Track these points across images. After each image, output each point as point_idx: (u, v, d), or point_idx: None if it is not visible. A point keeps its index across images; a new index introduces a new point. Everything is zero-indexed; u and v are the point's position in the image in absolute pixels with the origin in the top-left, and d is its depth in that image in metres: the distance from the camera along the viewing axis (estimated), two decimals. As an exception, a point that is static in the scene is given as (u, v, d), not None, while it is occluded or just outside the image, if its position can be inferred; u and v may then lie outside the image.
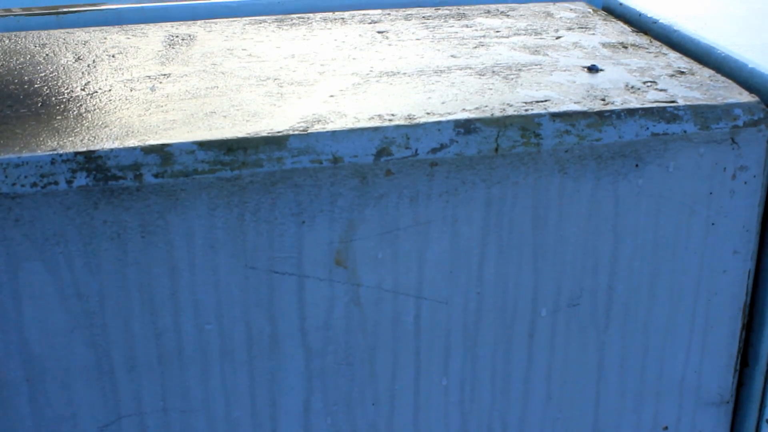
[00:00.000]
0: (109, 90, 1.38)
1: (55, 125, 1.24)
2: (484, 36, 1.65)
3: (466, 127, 1.25)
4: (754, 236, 1.41)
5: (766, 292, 1.45)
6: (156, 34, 1.67)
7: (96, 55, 1.55)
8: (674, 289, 1.40)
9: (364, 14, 1.78)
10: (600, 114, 1.30)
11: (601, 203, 1.32)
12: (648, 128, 1.31)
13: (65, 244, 1.16)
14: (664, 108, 1.32)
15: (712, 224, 1.38)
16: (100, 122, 1.25)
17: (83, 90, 1.39)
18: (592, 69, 1.47)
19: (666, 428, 1.50)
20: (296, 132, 1.20)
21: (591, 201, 1.31)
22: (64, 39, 1.64)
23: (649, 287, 1.39)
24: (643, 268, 1.38)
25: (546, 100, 1.33)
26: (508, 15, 1.79)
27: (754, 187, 1.38)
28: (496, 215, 1.28)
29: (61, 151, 1.15)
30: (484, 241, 1.29)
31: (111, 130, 1.22)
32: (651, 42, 1.64)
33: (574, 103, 1.32)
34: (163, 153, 1.16)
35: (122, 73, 1.46)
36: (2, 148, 1.16)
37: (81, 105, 1.32)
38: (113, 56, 1.55)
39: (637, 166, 1.32)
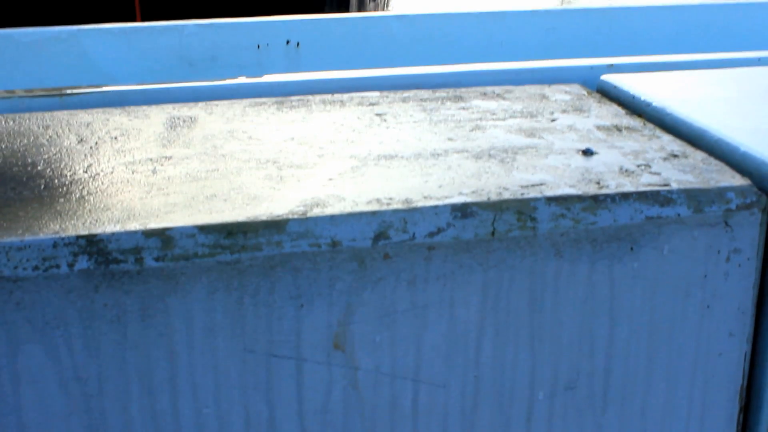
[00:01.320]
0: (111, 172, 1.40)
1: (58, 208, 1.26)
2: (480, 118, 1.67)
3: (462, 211, 1.26)
4: (750, 318, 1.42)
5: (763, 375, 1.45)
6: (158, 115, 1.69)
7: (99, 137, 1.57)
8: (670, 371, 1.41)
9: (362, 96, 1.81)
10: (595, 198, 1.32)
11: (596, 286, 1.33)
12: (642, 212, 1.33)
13: (65, 327, 1.17)
14: (658, 192, 1.34)
15: (707, 307, 1.39)
16: (102, 205, 1.27)
17: (85, 172, 1.41)
18: (587, 152, 1.49)
19: None
20: (295, 216, 1.22)
21: (587, 284, 1.33)
22: (68, 120, 1.67)
23: (646, 370, 1.40)
24: (639, 351, 1.38)
25: (542, 184, 1.35)
26: (504, 97, 1.82)
27: (748, 269, 1.39)
28: (493, 298, 1.29)
29: (63, 235, 1.17)
30: (481, 325, 1.30)
31: (113, 213, 1.24)
32: (645, 124, 1.67)
33: (570, 186, 1.34)
34: (164, 236, 1.18)
35: (124, 155, 1.48)
36: (4, 231, 1.18)
37: (83, 187, 1.34)
38: (115, 138, 1.57)
39: (632, 249, 1.33)
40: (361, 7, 15.35)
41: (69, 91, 1.88)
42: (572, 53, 2.94)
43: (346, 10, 13.99)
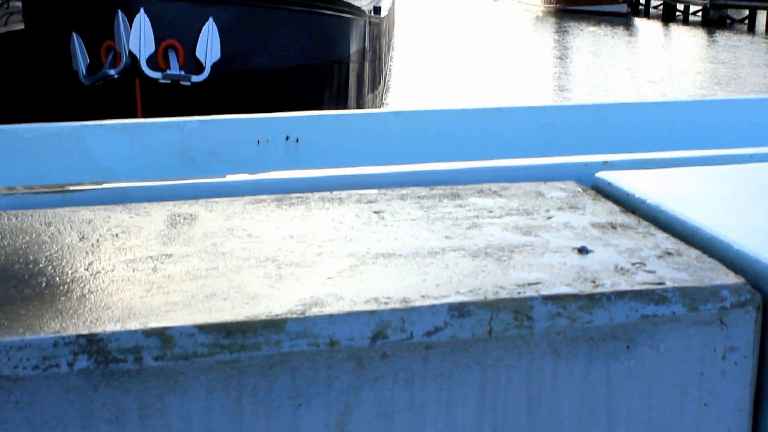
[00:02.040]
0: (112, 270, 1.42)
1: (59, 306, 1.27)
2: (477, 216, 1.70)
3: (460, 310, 1.28)
4: (747, 416, 1.42)
5: (761, 473, 1.45)
6: (159, 213, 1.72)
7: (100, 234, 1.59)
8: (669, 471, 1.41)
9: (360, 194, 1.84)
10: (590, 297, 1.33)
11: (593, 385, 1.34)
12: (638, 310, 1.34)
13: (63, 427, 1.17)
14: (653, 290, 1.36)
15: (705, 405, 1.39)
16: (103, 303, 1.28)
17: (86, 270, 1.42)
18: (583, 250, 1.51)
19: None
20: (294, 315, 1.23)
21: (584, 383, 1.33)
22: (69, 217, 1.69)
23: (644, 469, 1.39)
24: (637, 450, 1.38)
25: (538, 283, 1.36)
26: (500, 194, 1.85)
27: (744, 367, 1.40)
28: (490, 397, 1.30)
29: (64, 334, 1.18)
30: (479, 423, 1.30)
31: (113, 311, 1.25)
32: (639, 222, 1.69)
33: (566, 285, 1.35)
34: (163, 336, 1.19)
35: (125, 253, 1.50)
36: (5, 330, 1.18)
37: (84, 285, 1.35)
38: (117, 235, 1.59)
39: (628, 347, 1.34)
40: (359, 99, 15.51)
41: (71, 188, 1.90)
42: (568, 148, 2.99)
43: (345, 102, 14.17)
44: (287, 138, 2.88)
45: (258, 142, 2.85)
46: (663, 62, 31.40)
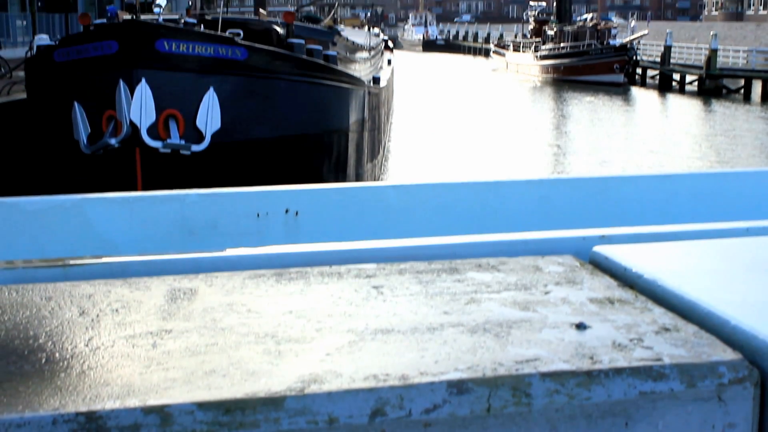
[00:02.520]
0: (112, 346, 1.43)
1: (58, 383, 1.28)
2: (475, 291, 1.71)
3: (458, 387, 1.28)
4: None
5: None
6: (159, 287, 1.73)
7: (100, 309, 1.60)
8: None
9: (360, 269, 1.85)
10: (588, 373, 1.33)
11: (592, 463, 1.33)
12: (636, 387, 1.34)
13: (61, 505, 1.17)
14: (651, 366, 1.36)
15: None
16: (102, 380, 1.29)
17: (86, 346, 1.43)
18: (580, 326, 1.52)
19: None
20: (293, 393, 1.23)
21: (583, 460, 1.33)
22: (70, 292, 1.70)
23: None
24: None
25: (536, 359, 1.37)
26: (498, 269, 1.86)
27: None
28: (489, 475, 1.29)
29: (63, 411, 1.18)
30: (478, 502, 1.30)
31: (112, 388, 1.25)
32: (636, 297, 1.70)
33: (564, 361, 1.36)
34: (162, 413, 1.19)
35: (125, 328, 1.50)
36: (5, 407, 1.19)
37: (84, 361, 1.36)
38: (117, 310, 1.60)
39: (626, 424, 1.34)
40: (358, 168, 15.60)
41: (72, 262, 1.91)
42: (566, 221, 3.01)
43: (344, 172, 14.24)
44: (287, 211, 2.90)
45: (258, 215, 2.87)
46: (661, 132, 31.66)
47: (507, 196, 3.12)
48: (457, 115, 36.47)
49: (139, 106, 10.30)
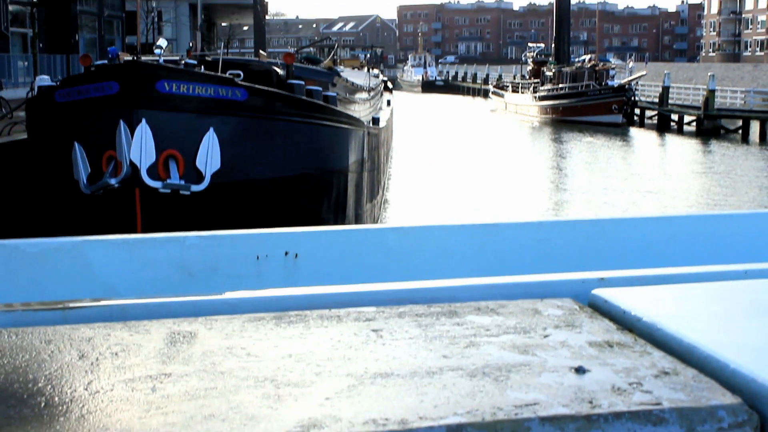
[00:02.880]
0: (111, 389, 1.43)
1: (57, 427, 1.27)
2: (474, 335, 1.71)
3: (457, 431, 1.28)
4: None
5: None
6: (158, 330, 1.73)
7: (100, 353, 1.60)
8: None
9: (359, 311, 1.85)
10: (588, 417, 1.33)
11: (592, 508, 1.33)
12: (635, 431, 1.34)
13: None
14: (650, 411, 1.36)
15: None
16: (101, 425, 1.28)
17: (86, 389, 1.43)
18: (579, 370, 1.52)
19: None
20: (292, 438, 1.23)
21: (583, 506, 1.32)
22: (69, 335, 1.70)
23: None
24: None
25: (535, 403, 1.37)
26: (497, 312, 1.86)
27: None
28: None
29: (62, 456, 1.18)
30: None
31: (111, 433, 1.25)
32: (636, 340, 1.70)
33: (563, 406, 1.36)
34: (161, 458, 1.19)
35: (124, 372, 1.50)
36: (4, 452, 1.19)
37: (83, 405, 1.36)
38: (116, 354, 1.60)
39: (626, 469, 1.34)
40: (358, 209, 15.61)
41: (71, 305, 1.92)
42: (564, 263, 3.01)
43: (344, 212, 14.26)
44: (286, 253, 2.90)
45: (257, 257, 2.88)
46: (660, 172, 31.75)
47: (506, 239, 3.13)
48: (456, 155, 36.59)
49: (139, 146, 10.33)
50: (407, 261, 3.00)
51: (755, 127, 46.25)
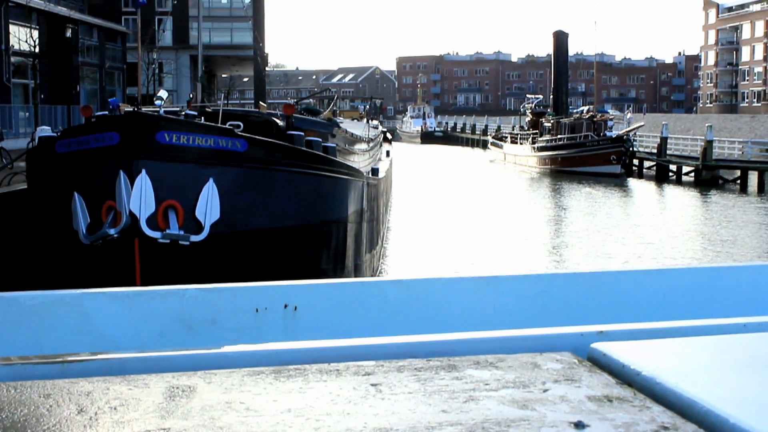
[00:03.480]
0: (109, 445, 1.42)
1: (55, 483, 1.27)
2: (473, 389, 1.71)
3: (457, 488, 1.27)
4: None
5: None
6: (158, 384, 1.73)
7: (98, 407, 1.60)
8: None
9: (358, 366, 1.85)
10: (587, 474, 1.33)
11: None
12: (635, 488, 1.34)
13: None
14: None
15: None
16: (99, 481, 1.28)
17: (84, 445, 1.42)
18: (579, 425, 1.51)
19: None
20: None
21: None
22: (68, 389, 1.70)
23: None
24: None
25: (535, 459, 1.36)
26: (497, 366, 1.86)
27: None
28: None
29: None
30: None
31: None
32: (635, 394, 1.70)
33: (562, 462, 1.36)
34: None
35: (123, 427, 1.50)
36: None
37: (81, 461, 1.36)
38: (115, 408, 1.59)
39: None
40: (357, 259, 15.61)
41: (70, 359, 1.92)
42: (563, 316, 3.01)
43: (343, 262, 14.25)
44: (285, 306, 2.90)
45: (257, 310, 2.88)
46: (659, 223, 31.78)
47: (505, 292, 3.13)
48: (455, 206, 36.65)
49: (139, 196, 10.36)
50: (406, 314, 3.00)
51: (753, 177, 46.40)
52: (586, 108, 67.66)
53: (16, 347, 2.59)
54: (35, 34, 39.85)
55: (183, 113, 12.99)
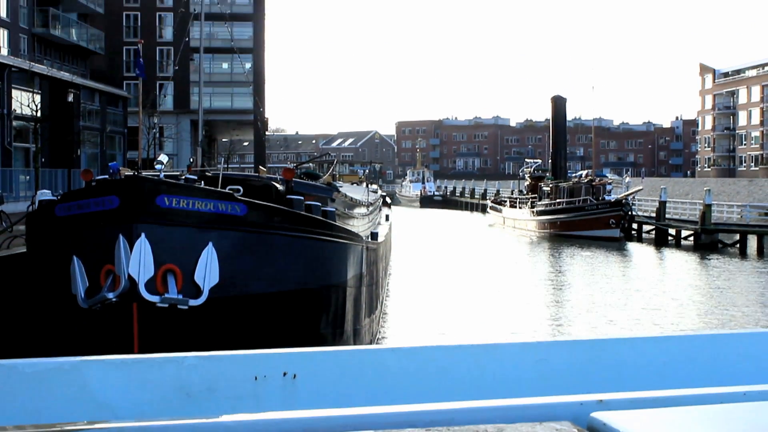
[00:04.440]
0: None
1: None
2: (473, 461, 1.70)
3: None
4: None
5: None
6: None
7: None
8: None
9: None
10: None
11: None
12: None
13: None
14: None
15: None
16: None
17: None
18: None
19: None
20: None
21: None
22: None
23: None
24: None
25: None
26: None
27: None
28: None
29: None
30: None
31: None
32: None
33: None
34: None
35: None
36: None
37: None
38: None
39: None
40: (356, 324, 15.55)
41: (68, 428, 1.90)
42: (563, 384, 3.00)
43: (342, 327, 14.19)
44: (284, 374, 2.89)
45: (255, 378, 2.87)
46: (659, 288, 31.72)
47: (504, 359, 3.12)
48: (455, 270, 36.62)
49: (138, 260, 10.35)
50: (405, 382, 2.98)
51: (752, 241, 46.45)
52: (584, 172, 67.94)
53: (13, 416, 2.58)
54: (37, 98, 40.21)
55: (183, 177, 13.04)
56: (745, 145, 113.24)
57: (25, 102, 39.64)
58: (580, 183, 59.06)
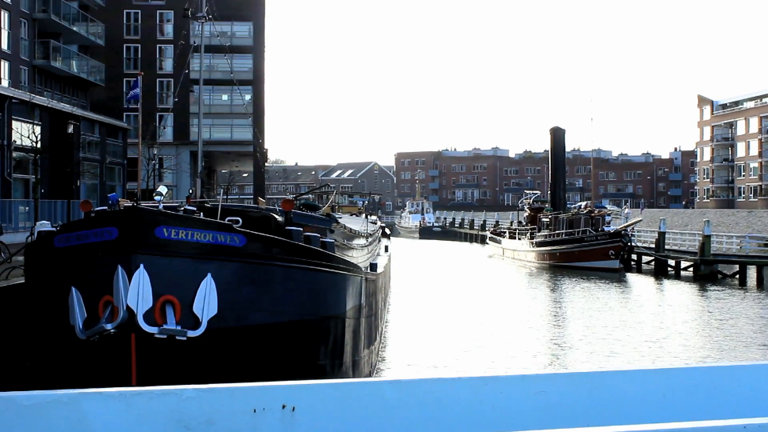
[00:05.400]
0: None
1: None
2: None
3: None
4: None
5: None
6: None
7: None
8: None
9: None
10: None
11: None
12: None
13: None
14: None
15: None
16: None
17: None
18: None
19: None
20: None
21: None
22: None
23: None
24: None
25: None
26: None
27: None
28: None
29: None
30: None
31: None
32: None
33: None
34: None
35: None
36: None
37: None
38: None
39: None
40: (355, 355, 15.52)
41: None
42: (563, 416, 2.98)
43: (341, 358, 14.16)
44: (283, 406, 2.88)
45: (254, 411, 2.85)
46: (659, 320, 31.67)
47: (503, 392, 3.11)
48: (454, 301, 36.57)
49: (137, 291, 10.33)
50: (404, 415, 2.97)
51: (752, 272, 46.44)
52: (583, 203, 68.07)
53: None
54: (38, 129, 40.32)
55: (182, 208, 13.05)
56: (743, 176, 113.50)
57: (25, 133, 39.76)
58: (580, 214, 59.15)
